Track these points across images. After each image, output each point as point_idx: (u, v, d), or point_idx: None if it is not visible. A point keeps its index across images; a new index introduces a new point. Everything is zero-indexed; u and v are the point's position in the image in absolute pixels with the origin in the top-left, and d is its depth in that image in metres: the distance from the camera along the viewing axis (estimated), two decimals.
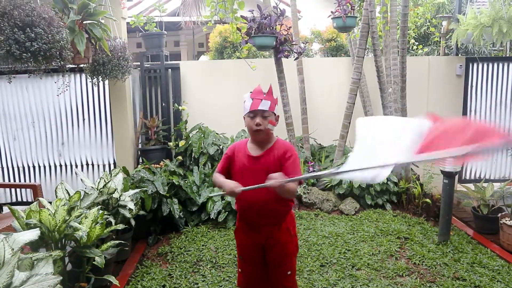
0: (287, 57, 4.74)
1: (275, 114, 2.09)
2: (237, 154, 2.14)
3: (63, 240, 2.57)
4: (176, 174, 4.24)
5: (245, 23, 4.42)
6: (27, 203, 4.79)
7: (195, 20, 7.84)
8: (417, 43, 6.67)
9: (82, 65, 3.59)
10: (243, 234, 2.19)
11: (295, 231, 2.22)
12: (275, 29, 4.41)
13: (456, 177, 4.48)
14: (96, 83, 3.74)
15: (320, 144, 5.46)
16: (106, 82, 4.50)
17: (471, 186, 4.41)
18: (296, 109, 5.13)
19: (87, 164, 4.96)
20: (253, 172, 2.05)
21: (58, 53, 2.63)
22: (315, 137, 5.41)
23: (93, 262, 2.57)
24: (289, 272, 2.18)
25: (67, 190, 2.96)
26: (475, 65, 5.28)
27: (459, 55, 5.61)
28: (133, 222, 3.34)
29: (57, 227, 2.43)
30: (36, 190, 3.51)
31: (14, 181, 4.99)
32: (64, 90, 4.30)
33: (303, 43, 5.09)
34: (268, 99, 2.04)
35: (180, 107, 4.97)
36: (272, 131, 2.10)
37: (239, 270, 2.28)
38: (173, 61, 5.37)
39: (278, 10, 4.49)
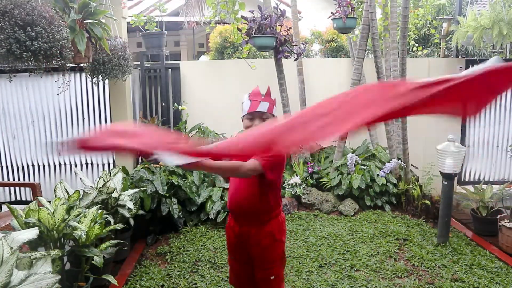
0: (287, 57, 4.74)
1: (273, 116, 2.06)
2: None
3: (62, 239, 2.57)
4: (176, 174, 4.24)
5: (246, 23, 4.43)
6: (26, 202, 4.77)
7: (197, 20, 7.84)
8: (417, 45, 6.68)
9: (82, 65, 3.59)
10: (229, 230, 2.19)
11: (282, 237, 2.13)
12: (276, 29, 4.41)
13: (456, 178, 4.49)
14: (96, 82, 3.74)
15: (319, 145, 5.46)
16: (106, 81, 4.49)
17: (470, 188, 4.42)
18: (296, 109, 5.12)
19: (86, 164, 4.95)
20: None
21: (58, 52, 2.63)
22: None
23: (92, 262, 2.57)
24: (272, 277, 2.10)
25: (66, 190, 2.96)
26: (475, 67, 5.27)
27: (459, 57, 5.61)
28: (132, 222, 3.34)
29: (56, 226, 2.43)
30: (35, 189, 3.51)
31: (13, 180, 4.98)
32: (64, 89, 4.29)
33: (303, 44, 5.09)
34: (266, 100, 2.02)
35: (180, 107, 4.97)
36: None
37: (230, 269, 2.29)
38: (173, 61, 5.37)
39: (279, 10, 4.49)
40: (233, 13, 4.51)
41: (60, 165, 4.97)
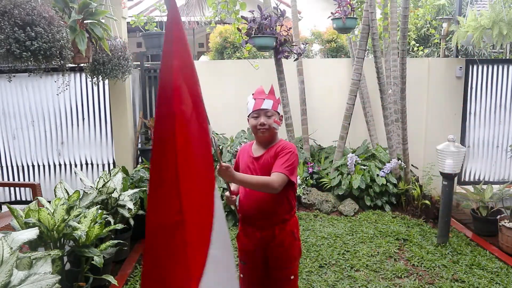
0: (287, 57, 4.74)
1: (279, 114, 2.10)
2: (242, 157, 2.20)
3: (62, 239, 2.57)
4: None
5: (246, 23, 4.43)
6: (26, 202, 4.78)
7: (197, 21, 7.85)
8: (418, 45, 6.68)
9: (82, 65, 3.59)
10: (244, 238, 2.17)
11: (299, 235, 2.21)
12: (275, 29, 4.41)
13: (456, 179, 4.49)
14: (96, 82, 3.74)
15: (319, 145, 5.47)
16: (106, 81, 4.49)
17: (470, 188, 4.42)
18: (296, 110, 5.13)
19: (87, 164, 4.95)
20: (252, 172, 2.08)
21: (58, 52, 2.63)
22: (315, 138, 5.41)
23: (92, 262, 2.57)
24: (292, 277, 2.14)
25: (66, 190, 2.96)
26: (475, 67, 5.28)
27: (459, 57, 5.62)
28: (132, 222, 3.33)
29: (56, 226, 2.43)
30: (35, 189, 3.50)
31: (13, 180, 4.98)
32: (64, 89, 4.30)
33: (303, 44, 5.09)
34: (270, 98, 2.07)
35: None
36: (277, 131, 2.11)
37: (241, 275, 2.23)
38: None
39: (279, 10, 4.49)
40: (233, 13, 4.51)
41: (60, 165, 4.96)
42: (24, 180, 4.97)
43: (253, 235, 2.12)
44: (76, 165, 4.94)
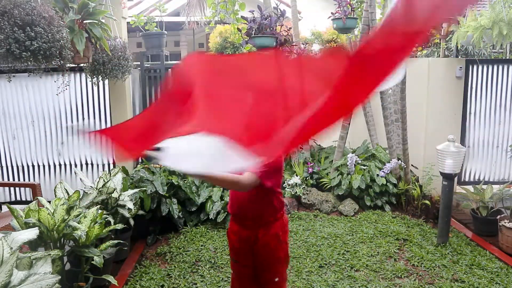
0: None
1: None
2: None
3: (62, 239, 2.57)
4: (176, 174, 4.24)
5: (246, 23, 4.43)
6: (26, 202, 4.77)
7: (197, 21, 7.85)
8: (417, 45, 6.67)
9: (82, 65, 3.59)
10: (232, 235, 2.17)
11: (286, 238, 2.16)
12: (276, 29, 4.41)
13: (456, 179, 4.48)
14: (96, 82, 3.74)
15: (319, 145, 5.47)
16: (106, 81, 4.49)
17: (470, 188, 4.41)
18: None
19: (86, 164, 4.95)
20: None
21: (58, 52, 2.63)
22: (315, 138, 5.41)
23: (92, 262, 2.57)
24: (276, 279, 2.13)
25: (66, 190, 2.96)
26: (475, 67, 5.28)
27: (459, 57, 5.61)
28: (132, 222, 3.34)
29: (56, 226, 2.43)
30: (35, 189, 3.50)
31: (13, 180, 4.98)
32: (64, 89, 4.29)
33: (303, 44, 5.09)
34: None
35: None
36: None
37: (233, 272, 2.27)
38: (173, 61, 5.37)
39: (279, 11, 4.50)
40: (233, 13, 4.52)
41: (60, 165, 4.96)
42: (24, 180, 4.97)
43: (239, 233, 2.12)
44: (76, 165, 4.94)
